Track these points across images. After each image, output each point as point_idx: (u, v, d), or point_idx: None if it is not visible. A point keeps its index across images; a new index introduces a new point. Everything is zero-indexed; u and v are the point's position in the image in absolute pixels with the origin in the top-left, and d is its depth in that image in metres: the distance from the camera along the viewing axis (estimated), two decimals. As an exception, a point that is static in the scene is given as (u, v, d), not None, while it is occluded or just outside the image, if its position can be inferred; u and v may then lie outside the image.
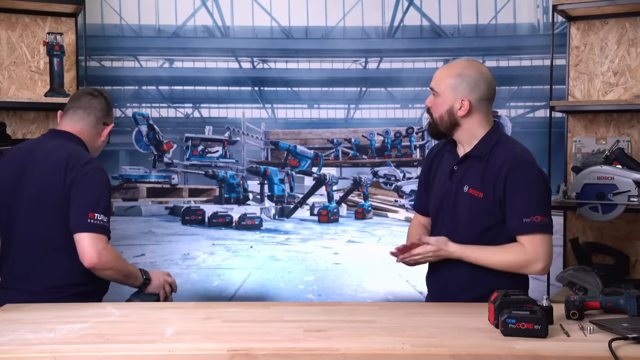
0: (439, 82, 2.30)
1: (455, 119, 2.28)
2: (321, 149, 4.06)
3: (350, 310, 2.13)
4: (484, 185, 2.24)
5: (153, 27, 3.92)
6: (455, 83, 2.26)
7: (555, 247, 3.50)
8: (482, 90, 2.27)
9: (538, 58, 3.86)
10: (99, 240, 2.27)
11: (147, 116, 3.92)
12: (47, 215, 2.35)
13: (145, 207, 4.00)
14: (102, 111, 2.53)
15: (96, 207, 2.29)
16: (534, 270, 2.24)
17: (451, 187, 2.33)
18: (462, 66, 2.30)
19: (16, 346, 1.70)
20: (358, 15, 3.93)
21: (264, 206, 4.06)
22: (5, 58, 3.38)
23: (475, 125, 2.29)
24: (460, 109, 2.26)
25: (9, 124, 3.36)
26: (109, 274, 2.34)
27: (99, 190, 2.34)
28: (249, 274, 3.87)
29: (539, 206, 2.20)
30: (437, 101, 2.30)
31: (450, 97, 2.27)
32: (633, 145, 3.33)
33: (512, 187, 2.20)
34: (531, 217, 2.19)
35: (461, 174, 2.31)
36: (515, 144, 2.32)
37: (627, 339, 1.66)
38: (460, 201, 2.30)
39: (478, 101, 2.26)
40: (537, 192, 2.22)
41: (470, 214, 2.28)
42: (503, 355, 1.64)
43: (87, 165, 2.36)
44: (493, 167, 2.24)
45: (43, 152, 2.41)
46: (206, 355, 1.66)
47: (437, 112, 2.30)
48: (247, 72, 3.98)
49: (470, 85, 2.25)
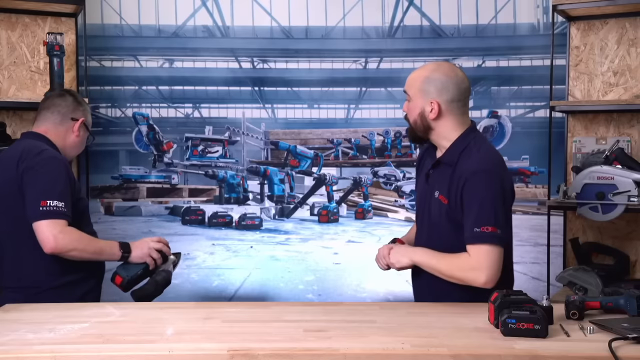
0: (410, 86, 2.31)
1: (427, 123, 2.28)
2: (321, 149, 4.06)
3: (350, 310, 2.13)
4: (450, 192, 2.24)
5: (153, 27, 3.91)
6: (424, 86, 2.27)
7: (555, 247, 3.54)
8: (451, 92, 2.25)
9: (538, 58, 3.86)
10: (55, 224, 2.28)
11: (147, 116, 3.92)
12: (9, 211, 2.39)
13: (145, 207, 4.00)
14: (67, 107, 2.56)
15: (49, 194, 2.30)
16: (475, 281, 2.15)
17: (427, 191, 2.35)
18: (430, 69, 2.30)
19: (16, 346, 1.70)
20: (358, 15, 3.93)
21: (264, 206, 4.05)
22: (5, 58, 3.38)
23: (447, 128, 2.28)
24: (430, 112, 2.25)
25: (9, 124, 3.36)
26: (75, 255, 2.35)
27: (50, 177, 2.35)
28: (249, 274, 3.87)
29: (490, 217, 2.15)
30: (410, 105, 2.32)
31: (421, 100, 2.27)
32: (633, 145, 3.33)
33: (467, 196, 2.19)
34: (481, 227, 2.14)
35: (434, 179, 2.32)
36: (482, 150, 2.26)
37: (627, 339, 1.66)
38: (433, 206, 2.31)
39: (448, 103, 2.25)
40: (489, 201, 2.16)
41: (438, 218, 2.29)
42: (503, 355, 1.64)
43: (39, 155, 2.39)
44: (457, 174, 2.22)
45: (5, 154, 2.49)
46: (206, 355, 1.66)
47: (412, 116, 2.31)
48: (247, 72, 3.98)
49: (437, 87, 2.25)
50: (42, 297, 2.32)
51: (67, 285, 2.41)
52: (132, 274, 2.43)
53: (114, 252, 2.44)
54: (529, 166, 3.87)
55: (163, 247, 2.50)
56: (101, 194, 3.88)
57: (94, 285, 2.50)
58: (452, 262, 2.20)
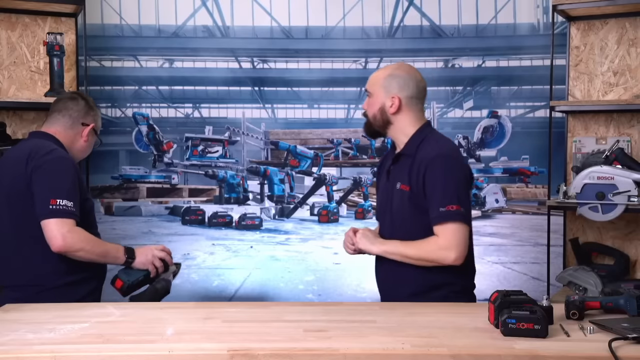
0: (372, 84, 2.44)
1: (387, 117, 2.40)
2: (321, 149, 4.06)
3: (350, 310, 2.13)
4: (411, 179, 2.34)
5: (153, 27, 3.92)
6: (386, 83, 2.40)
7: (555, 247, 3.54)
8: (411, 89, 2.39)
9: (538, 58, 3.86)
10: (64, 224, 2.30)
11: (147, 116, 3.92)
12: (17, 208, 2.40)
13: (145, 207, 4.00)
14: (79, 112, 2.58)
15: (58, 193, 2.32)
16: (446, 259, 2.27)
17: (388, 187, 2.45)
18: (392, 67, 2.44)
19: (16, 346, 1.70)
20: (358, 15, 3.93)
21: (264, 206, 4.06)
22: (5, 58, 3.38)
23: (406, 123, 2.41)
24: (391, 107, 2.38)
25: (9, 124, 3.36)
26: (82, 255, 2.36)
27: (60, 176, 2.37)
28: (249, 274, 3.87)
29: (454, 196, 2.28)
30: (370, 101, 2.44)
31: (382, 95, 2.40)
32: (633, 145, 3.33)
33: (430, 179, 2.30)
34: (446, 206, 2.26)
35: (395, 173, 2.43)
36: (440, 140, 2.43)
37: (627, 339, 1.66)
38: (395, 198, 2.40)
39: (408, 99, 2.39)
40: (452, 182, 2.29)
41: (401, 208, 2.38)
42: (503, 355, 1.64)
43: (48, 154, 2.40)
44: (416, 162, 2.34)
45: (13, 152, 2.52)
46: (206, 355, 1.66)
47: (371, 111, 2.43)
48: (247, 72, 3.98)
49: (399, 84, 2.39)
50: (44, 295, 2.32)
51: (70, 285, 2.41)
52: (133, 279, 2.45)
53: (118, 256, 2.45)
54: (529, 166, 3.87)
55: (166, 257, 2.53)
56: (101, 194, 3.88)
57: (95, 286, 2.51)
58: (420, 246, 2.30)
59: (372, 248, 2.39)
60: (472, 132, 3.93)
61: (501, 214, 3.96)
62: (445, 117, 3.96)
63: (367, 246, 2.40)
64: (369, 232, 2.45)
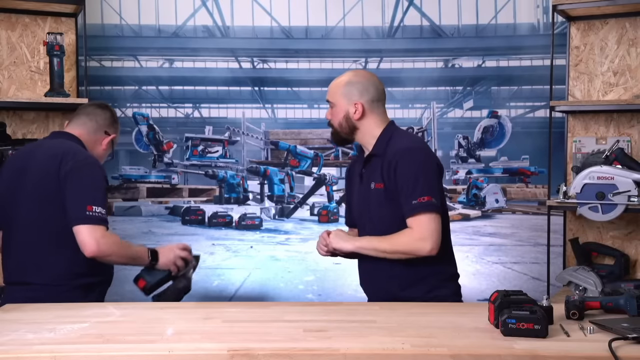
0: (333, 94, 2.49)
1: (352, 123, 2.46)
2: (321, 149, 4.06)
3: (350, 310, 2.13)
4: (383, 175, 2.38)
5: (153, 27, 3.91)
6: (346, 91, 2.46)
7: (555, 247, 3.54)
8: (371, 93, 2.45)
9: (538, 58, 3.86)
10: (97, 229, 2.32)
11: (147, 116, 3.92)
12: (46, 209, 2.40)
13: (145, 207, 4.00)
14: (105, 120, 2.64)
15: (94, 200, 2.34)
16: (422, 250, 2.30)
17: (363, 190, 2.49)
18: (349, 75, 2.50)
19: (16, 346, 1.70)
20: (358, 15, 3.93)
21: (264, 206, 4.06)
22: (5, 58, 3.38)
23: (371, 126, 2.46)
24: (355, 113, 2.44)
25: (9, 124, 3.36)
26: (113, 260, 2.41)
27: (95, 183, 2.40)
28: (249, 274, 3.87)
29: (425, 187, 2.32)
30: (334, 111, 2.49)
31: (344, 104, 2.45)
32: (633, 145, 3.33)
33: (400, 173, 2.34)
34: (418, 198, 2.30)
35: (368, 175, 2.47)
36: (406, 135, 2.53)
37: (627, 339, 1.66)
38: (371, 199, 2.44)
39: (370, 103, 2.45)
40: (421, 174, 2.34)
41: (378, 207, 2.42)
42: (503, 355, 1.64)
43: (84, 160, 2.43)
44: (386, 159, 2.38)
45: (41, 151, 2.50)
46: (206, 355, 1.66)
47: (336, 120, 2.48)
48: (247, 72, 3.98)
49: (359, 90, 2.45)
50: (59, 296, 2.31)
51: (85, 287, 2.42)
52: (156, 279, 2.49)
53: (143, 258, 2.48)
54: (529, 166, 3.87)
55: (187, 255, 2.57)
56: (101, 194, 3.87)
57: (105, 289, 2.54)
58: (394, 239, 2.33)
59: (345, 245, 2.41)
60: (472, 132, 3.93)
61: (501, 214, 3.96)
62: (445, 117, 3.96)
63: (340, 244, 2.41)
64: (342, 232, 2.47)
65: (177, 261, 2.52)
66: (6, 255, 2.50)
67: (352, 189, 2.61)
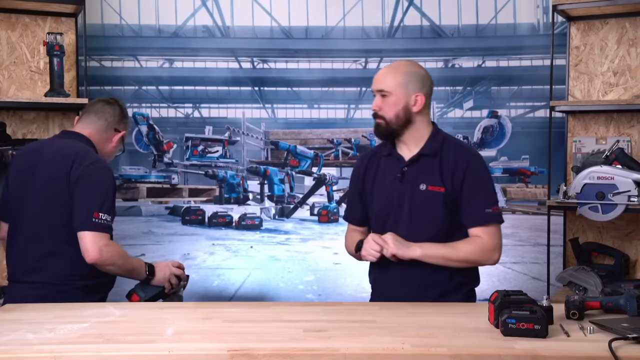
0: (388, 82, 2.32)
1: (410, 116, 2.32)
2: (321, 149, 4.06)
3: (350, 310, 2.13)
4: (444, 178, 2.30)
5: (153, 27, 3.91)
6: (406, 80, 2.31)
7: (555, 247, 3.55)
8: (428, 87, 2.35)
9: (538, 58, 3.86)
10: (101, 237, 2.32)
11: (147, 116, 3.92)
12: (54, 209, 2.40)
13: (145, 207, 4.00)
14: (114, 117, 2.60)
15: (101, 207, 2.34)
16: (490, 260, 2.31)
17: (404, 189, 2.35)
18: (407, 65, 2.38)
19: (16, 346, 1.70)
20: (358, 15, 3.93)
21: (264, 206, 4.06)
22: (5, 58, 3.38)
23: (424, 123, 2.36)
24: (415, 105, 2.31)
25: (9, 124, 3.36)
26: (112, 269, 2.40)
27: (103, 190, 2.39)
28: (249, 274, 3.87)
29: (494, 198, 2.32)
30: (389, 101, 2.32)
31: (403, 94, 2.31)
32: (633, 145, 3.33)
33: (471, 181, 2.28)
34: (492, 207, 2.29)
35: (414, 175, 2.34)
36: (460, 140, 2.51)
37: (627, 339, 1.66)
38: (418, 200, 2.33)
39: (427, 97, 2.34)
40: (491, 185, 2.34)
41: (431, 210, 2.32)
42: (503, 355, 1.64)
43: (94, 164, 2.42)
44: (448, 162, 2.31)
45: (52, 150, 2.49)
46: (206, 355, 1.66)
47: (391, 111, 2.31)
48: (247, 72, 3.98)
49: (421, 80, 2.33)
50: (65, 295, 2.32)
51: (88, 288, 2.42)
52: (150, 295, 2.48)
53: (140, 272, 2.47)
54: (529, 166, 3.87)
55: (182, 274, 2.55)
56: (101, 194, 3.87)
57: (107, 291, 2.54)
58: (464, 248, 2.27)
59: (408, 252, 2.25)
60: (472, 132, 3.93)
61: (501, 214, 3.96)
62: (445, 117, 3.96)
63: (404, 250, 2.24)
64: (397, 237, 2.28)
65: (172, 278, 2.51)
66: (11, 250, 2.50)
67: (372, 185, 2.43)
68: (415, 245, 2.27)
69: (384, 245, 2.26)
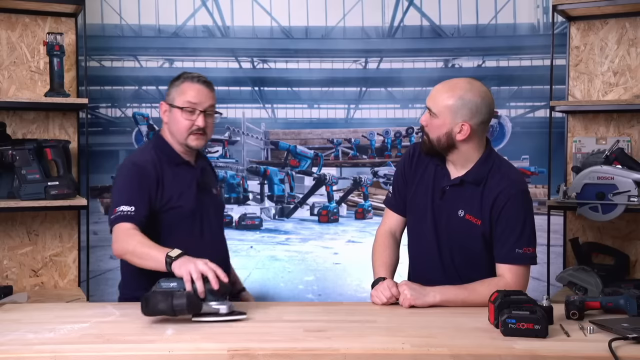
0: (438, 103, 2.21)
1: (453, 143, 2.22)
2: (321, 149, 4.06)
3: (350, 310, 2.13)
4: (483, 212, 2.21)
5: (153, 27, 3.91)
6: (456, 106, 2.18)
7: (555, 247, 3.54)
8: (483, 115, 2.20)
9: (538, 58, 3.86)
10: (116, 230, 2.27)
11: (147, 116, 3.91)
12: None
13: (145, 207, 3.99)
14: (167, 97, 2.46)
15: (118, 202, 2.32)
16: None
17: (442, 208, 2.28)
18: (463, 88, 2.20)
19: (16, 346, 1.70)
20: (358, 15, 3.93)
21: (264, 206, 4.05)
22: (5, 58, 3.38)
23: (472, 149, 2.24)
24: (459, 133, 2.19)
25: (9, 124, 3.36)
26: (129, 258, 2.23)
27: (119, 185, 2.40)
28: (249, 274, 3.87)
29: (531, 238, 2.21)
30: (434, 122, 2.22)
31: (449, 120, 2.19)
32: (633, 145, 3.33)
33: (508, 216, 2.18)
34: (523, 248, 2.18)
35: (454, 197, 2.27)
36: (510, 169, 2.30)
37: (627, 339, 1.67)
38: (454, 225, 2.26)
39: (477, 125, 2.20)
40: (530, 223, 2.22)
41: (467, 239, 2.25)
42: (503, 355, 1.64)
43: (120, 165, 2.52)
44: (490, 194, 2.21)
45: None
46: (206, 355, 1.67)
47: (435, 133, 2.23)
48: (247, 72, 3.98)
49: (472, 110, 2.18)
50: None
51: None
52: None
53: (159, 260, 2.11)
54: (529, 166, 3.87)
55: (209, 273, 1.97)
56: (101, 194, 3.87)
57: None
58: (484, 291, 2.07)
59: (427, 300, 2.13)
60: (472, 132, 3.92)
61: (501, 214, 3.96)
62: (445, 117, 3.95)
63: (422, 299, 2.13)
64: (412, 284, 2.19)
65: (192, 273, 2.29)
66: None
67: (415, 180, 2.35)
68: (432, 291, 2.16)
69: (398, 296, 2.18)
